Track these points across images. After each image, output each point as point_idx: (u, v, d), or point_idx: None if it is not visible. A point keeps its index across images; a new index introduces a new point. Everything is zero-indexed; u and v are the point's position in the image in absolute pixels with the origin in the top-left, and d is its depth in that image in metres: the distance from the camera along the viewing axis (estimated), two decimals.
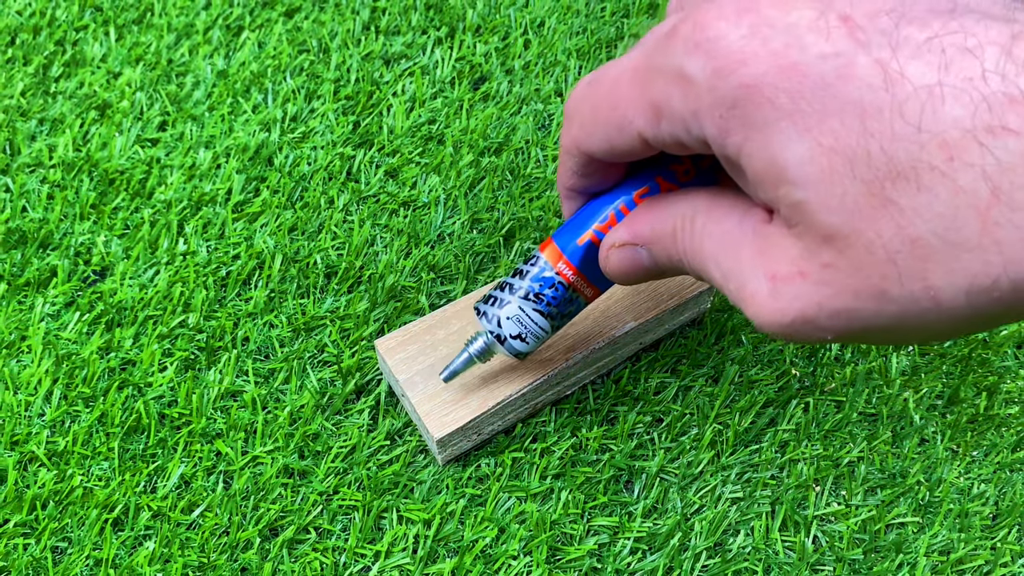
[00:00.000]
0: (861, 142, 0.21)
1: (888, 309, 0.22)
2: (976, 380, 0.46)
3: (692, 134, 0.24)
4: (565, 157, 0.31)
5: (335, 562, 0.39)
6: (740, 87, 0.22)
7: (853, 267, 0.22)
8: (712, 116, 0.23)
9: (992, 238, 0.20)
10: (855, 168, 0.21)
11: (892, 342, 0.25)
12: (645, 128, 0.26)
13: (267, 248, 0.48)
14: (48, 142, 0.52)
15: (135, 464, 0.41)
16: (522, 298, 0.36)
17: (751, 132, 0.22)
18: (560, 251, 0.34)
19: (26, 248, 0.47)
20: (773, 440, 0.44)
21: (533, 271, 0.35)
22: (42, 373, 0.43)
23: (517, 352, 0.37)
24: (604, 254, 0.32)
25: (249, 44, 0.57)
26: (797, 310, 0.24)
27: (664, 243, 0.29)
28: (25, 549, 0.39)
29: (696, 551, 0.41)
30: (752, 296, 0.25)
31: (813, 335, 0.24)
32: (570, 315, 0.36)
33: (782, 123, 0.22)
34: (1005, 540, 0.42)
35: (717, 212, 0.27)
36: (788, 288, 0.24)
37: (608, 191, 0.32)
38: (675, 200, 0.29)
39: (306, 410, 0.43)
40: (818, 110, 0.21)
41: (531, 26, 0.60)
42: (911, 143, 0.20)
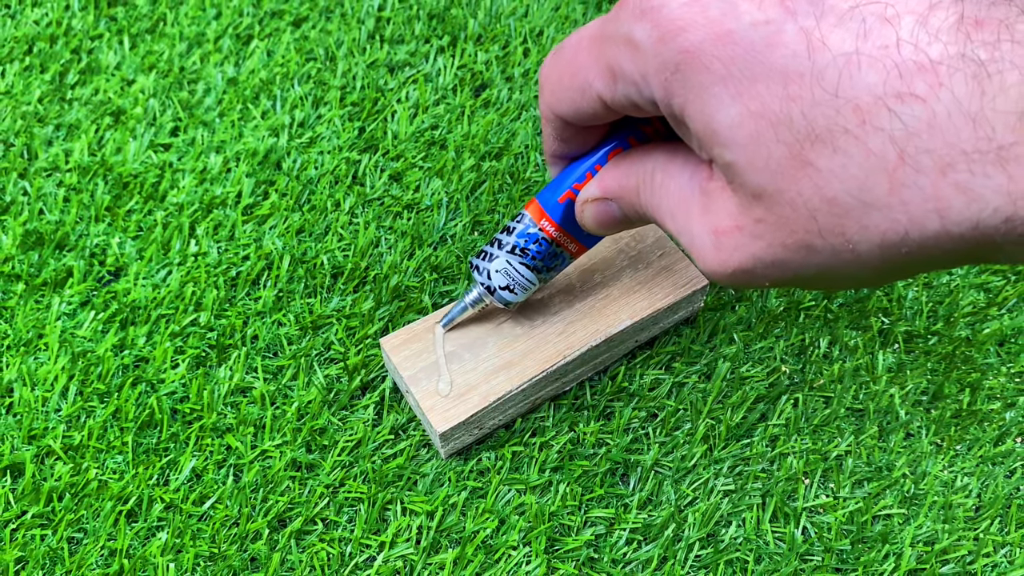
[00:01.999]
0: (784, 107, 0.22)
1: (813, 259, 0.23)
2: (960, 377, 0.46)
3: (643, 95, 0.25)
4: (544, 124, 0.32)
5: (341, 552, 0.39)
6: (680, 52, 0.23)
7: (780, 222, 0.23)
8: (658, 79, 0.24)
9: (899, 198, 0.21)
10: (778, 132, 0.22)
11: (825, 288, 0.26)
12: (603, 91, 0.27)
13: (275, 249, 0.48)
14: (64, 147, 0.52)
15: (148, 458, 0.41)
16: (509, 252, 0.37)
17: (690, 95, 0.23)
18: (542, 208, 0.36)
19: (43, 249, 0.47)
20: (764, 434, 0.44)
21: (518, 228, 0.37)
22: (58, 370, 0.43)
23: (506, 301, 0.39)
24: (579, 209, 0.34)
25: (258, 52, 0.57)
26: (737, 261, 0.25)
27: (629, 197, 0.31)
28: (42, 540, 0.39)
29: (689, 542, 0.40)
30: (699, 249, 0.26)
31: (753, 282, 0.26)
32: (556, 268, 0.38)
33: (716, 87, 0.23)
34: (987, 531, 0.42)
35: (672, 168, 0.28)
36: (727, 240, 0.25)
37: (587, 154, 0.33)
38: (637, 157, 0.30)
39: (313, 406, 0.43)
40: (747, 76, 0.22)
41: (530, 35, 0.60)
42: (828, 108, 0.21)
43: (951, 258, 0.22)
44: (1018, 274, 0.50)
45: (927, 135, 0.20)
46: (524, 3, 0.61)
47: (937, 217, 0.21)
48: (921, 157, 0.20)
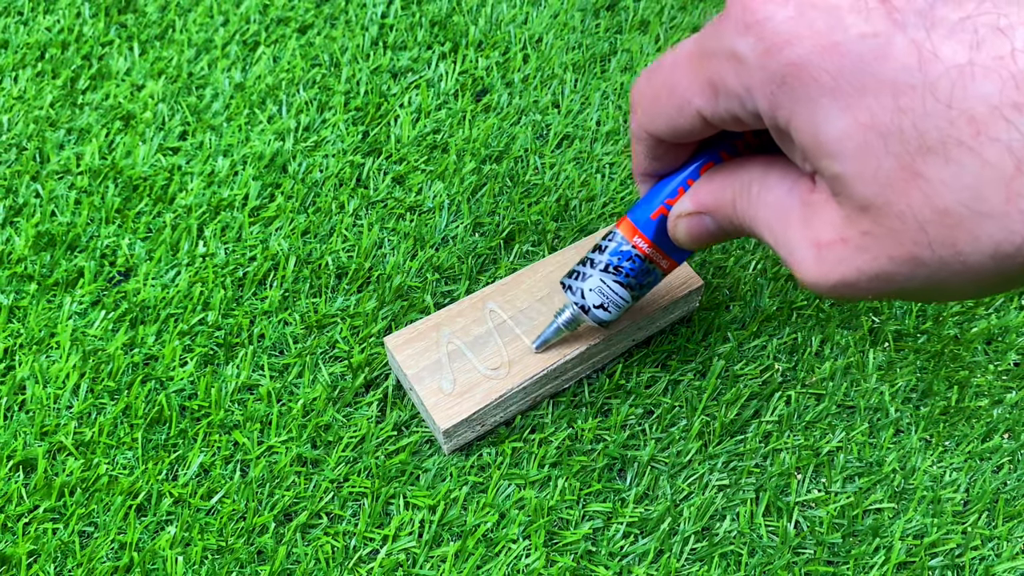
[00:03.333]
0: (895, 119, 0.21)
1: (921, 272, 0.23)
2: (948, 374, 0.46)
3: (747, 109, 0.25)
4: (635, 143, 0.32)
5: (345, 545, 0.39)
6: (787, 65, 0.23)
7: (888, 235, 0.23)
8: (763, 92, 0.24)
9: (1016, 207, 0.20)
10: (888, 143, 0.21)
11: (925, 300, 0.25)
12: (704, 106, 0.26)
13: (281, 250, 0.48)
14: (76, 150, 0.52)
15: (157, 453, 0.41)
16: (602, 271, 0.37)
17: (797, 107, 0.23)
18: (634, 226, 0.35)
19: (55, 250, 0.47)
20: (757, 431, 0.44)
21: (611, 246, 0.36)
22: (70, 368, 0.43)
23: (601, 320, 0.39)
24: (672, 224, 0.33)
25: (264, 58, 0.57)
26: (840, 274, 0.24)
27: (724, 210, 0.30)
28: (54, 533, 0.39)
29: (685, 535, 0.40)
30: (800, 262, 0.26)
31: (854, 295, 0.25)
32: (648, 285, 0.37)
33: (824, 99, 0.22)
34: (975, 525, 0.42)
35: (770, 180, 0.27)
36: (831, 254, 0.24)
37: (677, 170, 0.33)
38: (733, 170, 0.29)
39: (318, 403, 0.43)
40: (856, 88, 0.22)
41: (530, 42, 0.60)
42: (941, 119, 0.21)
43: None
44: None
45: None
46: (524, 10, 0.61)
47: None
48: None
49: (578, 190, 0.52)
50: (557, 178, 0.52)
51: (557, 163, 0.53)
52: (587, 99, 0.57)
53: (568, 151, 0.54)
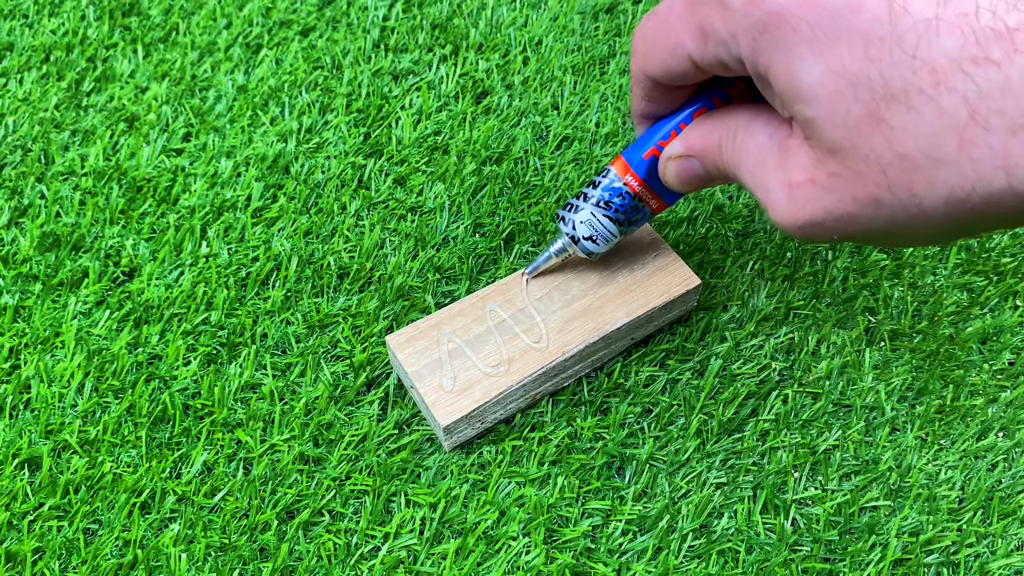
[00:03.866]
0: (863, 67, 0.22)
1: (881, 214, 0.24)
2: (943, 373, 0.46)
3: (731, 54, 0.26)
4: (633, 84, 0.33)
5: (347, 543, 0.39)
6: (769, 13, 0.24)
7: (852, 176, 0.24)
8: (746, 38, 0.25)
9: (967, 155, 0.21)
10: (857, 90, 0.22)
11: (890, 244, 0.26)
12: (694, 50, 0.27)
13: (284, 251, 0.48)
14: (80, 152, 0.52)
15: (161, 452, 0.41)
16: (594, 205, 0.38)
17: (776, 54, 0.24)
18: (627, 164, 0.36)
19: (60, 251, 0.47)
20: (755, 429, 0.44)
21: (604, 182, 0.38)
22: (74, 367, 0.43)
23: (589, 252, 0.40)
24: (662, 165, 0.34)
25: (267, 61, 0.57)
26: (808, 214, 0.25)
27: (711, 155, 0.31)
28: (59, 531, 0.39)
29: (683, 532, 0.40)
30: (773, 203, 0.27)
31: (821, 235, 0.26)
32: (636, 222, 0.39)
33: (801, 48, 0.23)
34: (970, 522, 0.42)
35: (754, 126, 0.28)
36: (800, 193, 0.26)
37: (672, 114, 0.34)
38: (721, 117, 0.31)
39: (320, 401, 0.43)
40: (831, 38, 0.23)
41: (529, 44, 0.60)
42: (905, 69, 0.22)
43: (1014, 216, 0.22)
44: (1000, 275, 0.50)
45: (999, 97, 0.20)
46: (524, 13, 0.61)
47: (1004, 174, 0.21)
48: (992, 117, 0.21)
49: (577, 191, 0.52)
50: (557, 179, 0.52)
51: (557, 164, 0.53)
52: (586, 101, 0.57)
53: (568, 152, 0.54)
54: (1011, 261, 0.51)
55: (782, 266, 0.49)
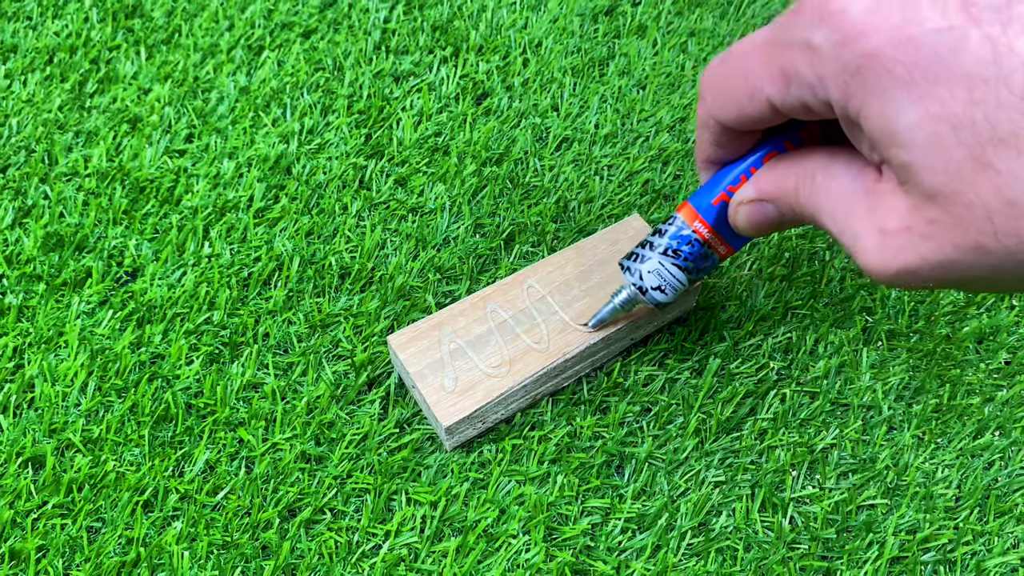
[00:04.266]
0: (967, 110, 0.21)
1: (984, 261, 0.23)
2: (940, 373, 0.46)
3: (818, 98, 0.25)
4: (701, 130, 0.32)
5: (349, 540, 0.39)
6: (862, 56, 0.23)
7: (954, 223, 0.23)
8: (836, 81, 0.24)
9: None
10: (959, 134, 0.22)
11: (986, 290, 0.25)
12: (774, 94, 0.26)
13: (286, 251, 0.48)
14: (83, 153, 0.52)
15: (164, 450, 0.41)
16: (661, 254, 0.37)
17: (869, 97, 0.23)
18: (695, 211, 0.35)
19: (63, 251, 0.47)
20: (753, 428, 0.44)
21: (671, 230, 0.36)
22: (78, 366, 0.43)
23: (657, 302, 0.39)
24: (733, 210, 0.33)
25: (269, 63, 0.57)
26: (903, 261, 0.24)
27: (787, 198, 0.30)
28: (63, 529, 0.39)
29: (682, 530, 0.40)
30: (864, 249, 0.26)
31: (916, 283, 0.25)
32: (705, 269, 0.37)
33: (897, 91, 0.22)
34: (967, 520, 0.42)
35: (834, 170, 0.27)
36: (895, 241, 0.24)
37: (740, 159, 0.33)
38: (797, 159, 0.30)
39: (322, 400, 0.43)
40: (929, 80, 0.22)
41: (529, 46, 0.60)
42: (1014, 112, 0.21)
43: None
44: None
45: None
46: (524, 15, 0.61)
47: None
48: None
49: (577, 192, 0.52)
50: (556, 180, 0.52)
51: (556, 165, 0.53)
52: (586, 102, 0.57)
53: (567, 153, 0.54)
54: None
55: (780, 266, 0.49)
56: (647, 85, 0.58)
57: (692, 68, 0.59)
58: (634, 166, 0.53)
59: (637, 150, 0.54)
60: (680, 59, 0.59)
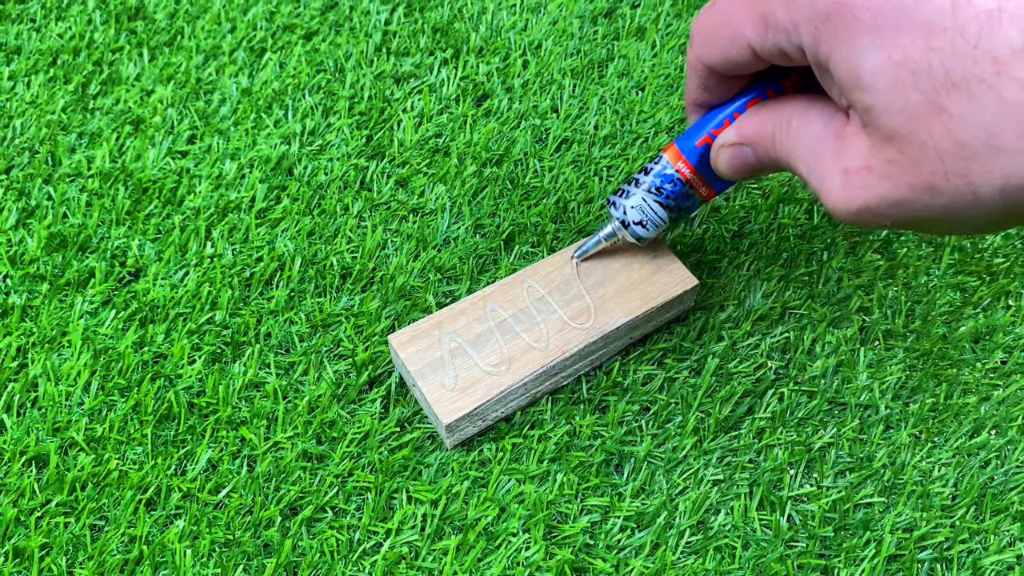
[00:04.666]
0: (925, 57, 0.22)
1: (936, 201, 0.24)
2: (936, 372, 0.46)
3: (792, 43, 0.26)
4: (690, 73, 0.33)
5: (350, 539, 0.39)
6: (833, 3, 0.24)
7: (909, 163, 0.24)
8: (808, 27, 0.25)
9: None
10: (917, 79, 0.23)
11: (942, 232, 0.26)
12: (754, 39, 0.28)
13: (287, 251, 0.48)
14: (87, 154, 0.52)
15: (166, 449, 0.41)
16: (645, 191, 0.39)
17: (838, 43, 0.24)
18: (680, 152, 0.37)
19: (66, 251, 0.47)
20: (751, 427, 0.44)
21: (656, 168, 0.38)
22: (81, 366, 0.43)
23: (638, 236, 0.41)
24: (715, 153, 0.34)
25: (271, 64, 0.57)
26: (863, 199, 0.26)
27: (764, 143, 0.31)
28: (66, 527, 0.39)
29: (680, 529, 0.41)
30: (828, 189, 0.27)
31: (875, 221, 0.26)
32: (686, 209, 0.39)
33: (863, 37, 0.23)
34: (963, 519, 0.42)
35: (809, 116, 0.28)
36: (856, 179, 0.26)
37: (725, 104, 0.34)
38: (776, 106, 0.31)
39: (323, 400, 0.43)
40: (893, 28, 0.23)
41: (529, 48, 0.60)
42: (967, 59, 0.22)
43: None
44: (992, 275, 0.50)
45: None
46: (523, 18, 0.61)
47: None
48: None
49: (576, 192, 0.52)
50: (556, 181, 0.52)
51: (556, 166, 0.53)
52: (585, 104, 0.57)
53: (567, 155, 0.54)
54: (1003, 261, 0.51)
55: (778, 267, 0.49)
56: (646, 87, 0.58)
57: None
58: (633, 167, 0.53)
59: (636, 151, 0.54)
60: (679, 61, 0.60)
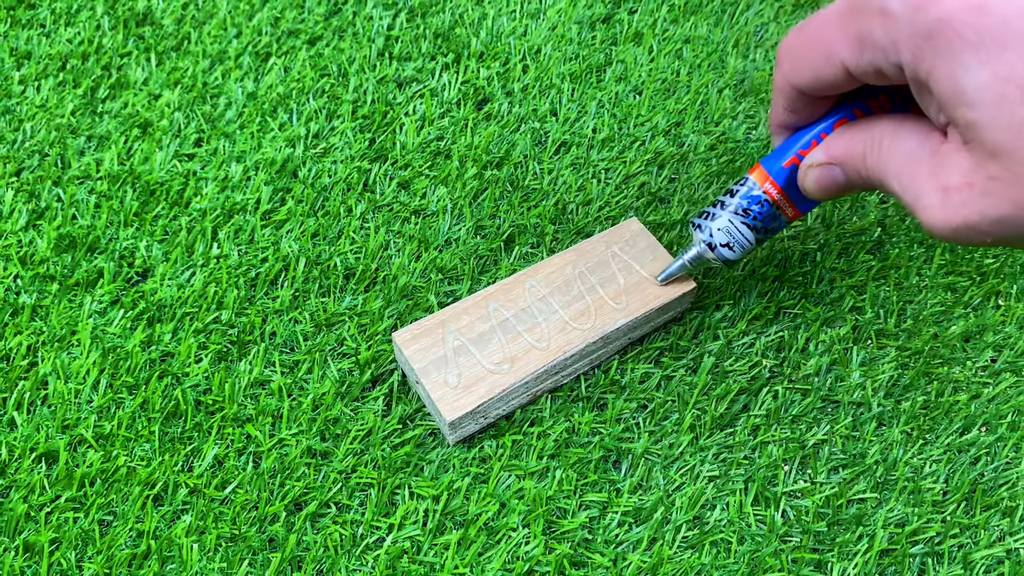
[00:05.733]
0: None
1: None
2: (928, 371, 0.47)
3: (890, 61, 0.26)
4: (776, 95, 0.32)
5: (353, 534, 0.39)
6: (934, 21, 0.23)
7: (1014, 180, 0.23)
8: (908, 45, 0.24)
9: None
10: None
11: None
12: (849, 58, 0.27)
13: (292, 252, 0.48)
14: (95, 157, 0.52)
15: (173, 446, 0.41)
16: (732, 212, 0.38)
17: (939, 60, 0.24)
18: (767, 173, 0.36)
19: (76, 252, 0.47)
20: (746, 424, 0.44)
21: (743, 190, 0.37)
22: (90, 364, 0.43)
23: (725, 259, 0.40)
24: (803, 173, 0.33)
25: (276, 69, 0.57)
26: (963, 217, 0.25)
27: (855, 162, 0.31)
28: (75, 522, 0.39)
29: (677, 524, 0.41)
30: (926, 207, 0.26)
31: (975, 239, 0.25)
32: (773, 230, 0.38)
33: (967, 54, 0.23)
34: (954, 514, 0.42)
35: (901, 134, 0.28)
36: (956, 197, 0.25)
37: (812, 124, 0.34)
38: (866, 125, 0.30)
39: (327, 397, 0.43)
40: (998, 44, 0.22)
41: (529, 53, 0.60)
42: None
43: None
44: (983, 275, 0.50)
45: None
46: (523, 23, 0.61)
47: None
48: None
49: (575, 194, 0.52)
50: (555, 183, 0.52)
51: (555, 169, 0.53)
52: (584, 108, 0.57)
53: (565, 157, 0.54)
54: (993, 262, 0.51)
55: (772, 267, 0.49)
56: (643, 91, 0.58)
57: (687, 74, 0.59)
58: (630, 169, 0.53)
59: (633, 154, 0.54)
60: (675, 65, 0.60)
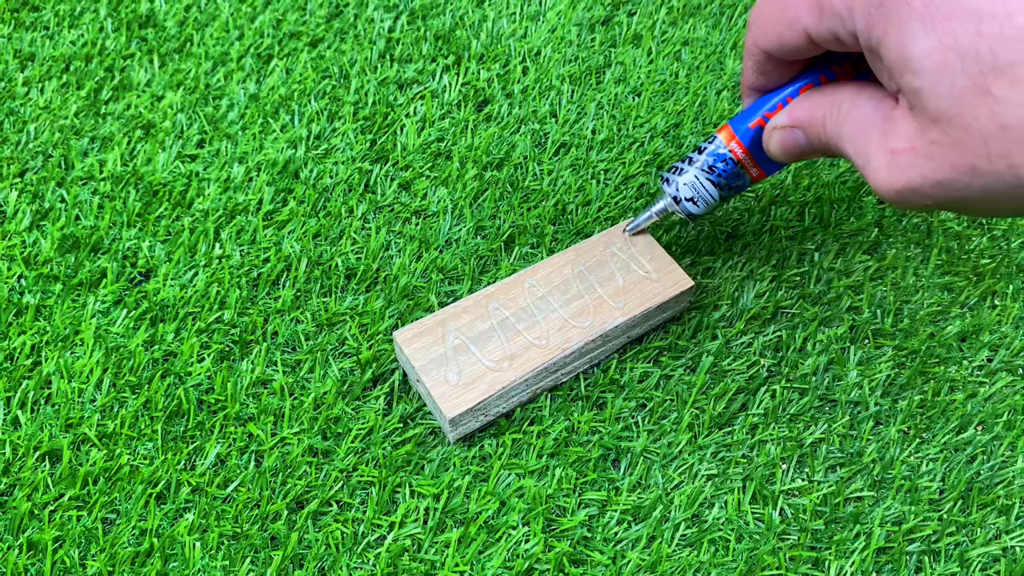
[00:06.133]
0: (973, 42, 0.23)
1: (977, 182, 0.24)
2: (924, 370, 0.47)
3: (846, 28, 0.27)
4: (746, 58, 0.34)
5: (354, 532, 0.39)
6: None
7: (953, 144, 0.24)
8: (862, 12, 0.25)
9: None
10: (964, 63, 0.23)
11: (982, 213, 0.26)
12: (810, 25, 0.28)
13: (294, 252, 0.48)
14: (99, 158, 0.52)
15: (176, 444, 0.41)
16: (699, 169, 0.39)
17: (889, 28, 0.25)
18: (733, 132, 0.37)
19: (79, 252, 0.47)
20: (744, 423, 0.44)
21: (710, 148, 0.38)
22: (93, 364, 0.43)
23: (690, 212, 0.41)
24: (767, 135, 0.35)
25: (278, 71, 0.57)
26: (907, 179, 0.26)
27: (815, 126, 0.32)
28: (78, 520, 0.39)
29: (676, 522, 0.41)
30: (874, 169, 0.27)
31: (918, 201, 0.26)
32: (736, 188, 0.39)
33: (914, 22, 0.24)
34: (951, 512, 0.42)
35: (859, 100, 0.29)
36: (901, 160, 0.26)
37: (780, 88, 0.35)
38: (828, 91, 0.31)
39: (328, 396, 0.43)
40: (943, 14, 0.23)
41: (528, 55, 0.60)
42: (1015, 44, 0.22)
43: None
44: (979, 275, 0.50)
45: None
46: (523, 25, 0.61)
47: None
48: None
49: (575, 195, 0.52)
50: (555, 184, 0.52)
51: (555, 170, 0.53)
52: (583, 109, 0.57)
53: (565, 158, 0.54)
54: (989, 262, 0.51)
55: (770, 267, 0.49)
56: (642, 92, 0.58)
57: (685, 76, 0.59)
58: (629, 170, 0.53)
59: (632, 155, 0.54)
60: (674, 67, 0.60)
